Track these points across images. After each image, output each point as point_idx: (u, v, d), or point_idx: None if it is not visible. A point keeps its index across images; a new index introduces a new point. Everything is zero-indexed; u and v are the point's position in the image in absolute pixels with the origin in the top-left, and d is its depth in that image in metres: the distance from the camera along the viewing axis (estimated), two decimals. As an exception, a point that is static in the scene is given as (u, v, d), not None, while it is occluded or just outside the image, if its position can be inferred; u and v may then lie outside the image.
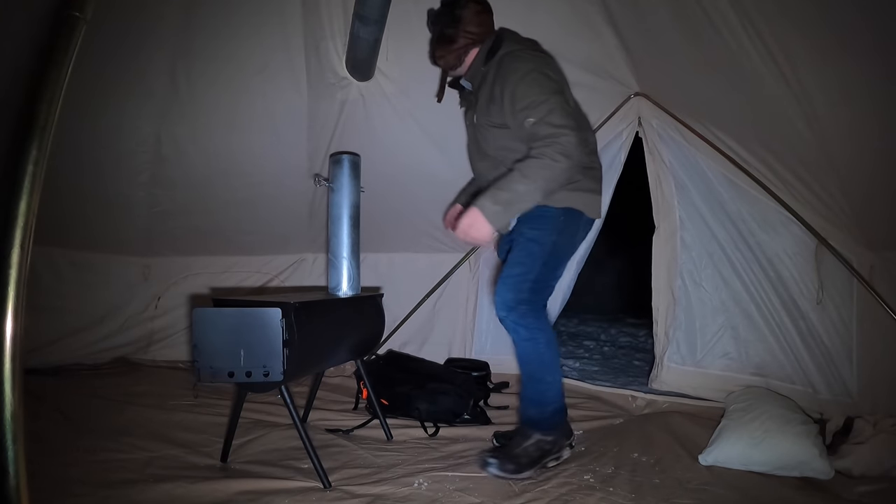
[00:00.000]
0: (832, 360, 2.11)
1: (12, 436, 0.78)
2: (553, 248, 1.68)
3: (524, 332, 1.65)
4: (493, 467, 1.60)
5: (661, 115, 2.43)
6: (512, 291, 1.65)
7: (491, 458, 1.62)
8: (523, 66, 1.61)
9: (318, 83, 2.47)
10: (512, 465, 1.61)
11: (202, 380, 1.51)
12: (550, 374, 1.69)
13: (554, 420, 1.70)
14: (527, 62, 1.62)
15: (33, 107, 0.82)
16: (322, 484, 1.54)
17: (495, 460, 1.61)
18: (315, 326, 1.64)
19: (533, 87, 1.57)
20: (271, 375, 1.48)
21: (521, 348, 1.68)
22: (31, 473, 0.80)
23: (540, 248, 1.66)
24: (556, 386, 1.70)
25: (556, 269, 1.74)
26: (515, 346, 1.69)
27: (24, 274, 0.80)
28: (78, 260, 2.84)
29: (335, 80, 2.42)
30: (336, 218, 1.94)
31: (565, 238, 1.71)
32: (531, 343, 1.66)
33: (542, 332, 1.67)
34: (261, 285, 3.15)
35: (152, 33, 2.23)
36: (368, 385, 2.08)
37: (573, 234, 1.73)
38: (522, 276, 1.65)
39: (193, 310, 1.52)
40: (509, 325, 1.68)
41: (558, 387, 1.71)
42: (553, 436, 1.69)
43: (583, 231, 1.77)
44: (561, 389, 1.72)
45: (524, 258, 1.66)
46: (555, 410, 1.71)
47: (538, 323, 1.66)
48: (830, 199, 2.04)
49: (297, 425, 1.56)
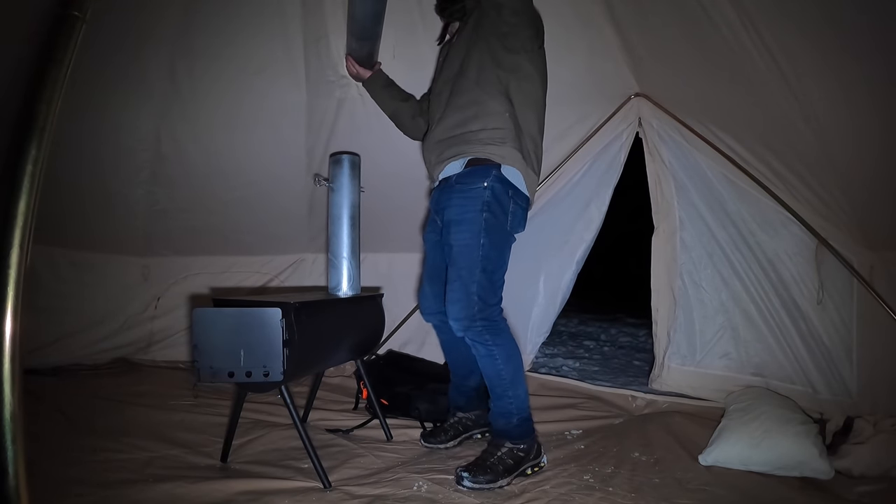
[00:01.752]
0: (832, 360, 2.11)
1: (12, 436, 0.77)
2: (488, 249, 1.60)
3: (482, 349, 1.64)
4: (466, 480, 1.54)
5: (662, 116, 2.42)
6: (463, 312, 1.61)
7: (464, 472, 1.56)
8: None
9: (318, 82, 2.47)
10: (487, 475, 1.56)
11: (202, 380, 1.50)
12: (512, 390, 1.66)
13: (522, 429, 1.68)
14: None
15: (32, 106, 0.82)
16: (322, 484, 1.54)
17: (467, 473, 1.56)
18: (315, 326, 1.64)
19: None
20: (271, 375, 1.48)
21: (481, 363, 1.68)
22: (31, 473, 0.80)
23: (471, 257, 1.60)
24: (519, 399, 1.67)
25: (497, 272, 1.66)
26: (478, 360, 1.69)
27: (24, 274, 0.80)
28: (78, 260, 2.83)
29: (335, 77, 2.43)
30: (336, 218, 1.94)
31: (497, 234, 1.62)
32: (489, 360, 1.65)
33: (498, 347, 1.63)
34: (261, 285, 3.15)
35: (153, 32, 2.23)
36: (368, 385, 2.08)
37: (503, 224, 1.63)
38: (465, 294, 1.60)
39: (193, 310, 1.52)
40: (469, 343, 1.67)
41: (522, 400, 1.68)
42: (525, 443, 1.67)
43: (518, 222, 1.68)
44: (525, 400, 1.70)
45: (461, 273, 1.61)
46: (521, 420, 1.68)
47: (495, 339, 1.63)
48: (831, 199, 2.04)
49: (297, 425, 1.56)
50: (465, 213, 1.60)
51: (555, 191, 2.71)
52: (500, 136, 1.58)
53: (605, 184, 2.60)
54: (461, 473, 1.57)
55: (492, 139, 1.59)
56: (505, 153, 1.58)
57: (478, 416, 1.98)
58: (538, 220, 2.77)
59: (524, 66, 1.64)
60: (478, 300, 1.59)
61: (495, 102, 1.61)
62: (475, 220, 1.58)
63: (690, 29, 1.87)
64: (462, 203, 1.61)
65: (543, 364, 3.20)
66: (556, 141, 2.61)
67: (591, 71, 2.36)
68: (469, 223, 1.59)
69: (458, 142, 1.64)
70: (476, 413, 1.98)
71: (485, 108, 1.62)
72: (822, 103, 1.74)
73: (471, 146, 1.61)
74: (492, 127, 1.59)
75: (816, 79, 1.68)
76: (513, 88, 1.62)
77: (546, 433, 2.07)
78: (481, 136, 1.60)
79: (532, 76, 1.66)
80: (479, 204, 1.58)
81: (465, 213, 1.60)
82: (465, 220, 1.60)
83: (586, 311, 5.36)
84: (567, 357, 3.50)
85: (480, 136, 1.60)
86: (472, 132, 1.61)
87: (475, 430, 1.98)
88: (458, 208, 1.61)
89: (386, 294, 2.18)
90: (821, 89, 1.70)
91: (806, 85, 1.71)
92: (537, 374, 2.81)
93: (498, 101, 1.61)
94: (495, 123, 1.59)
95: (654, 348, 2.59)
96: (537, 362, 3.05)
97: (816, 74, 1.67)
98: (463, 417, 1.98)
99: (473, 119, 1.63)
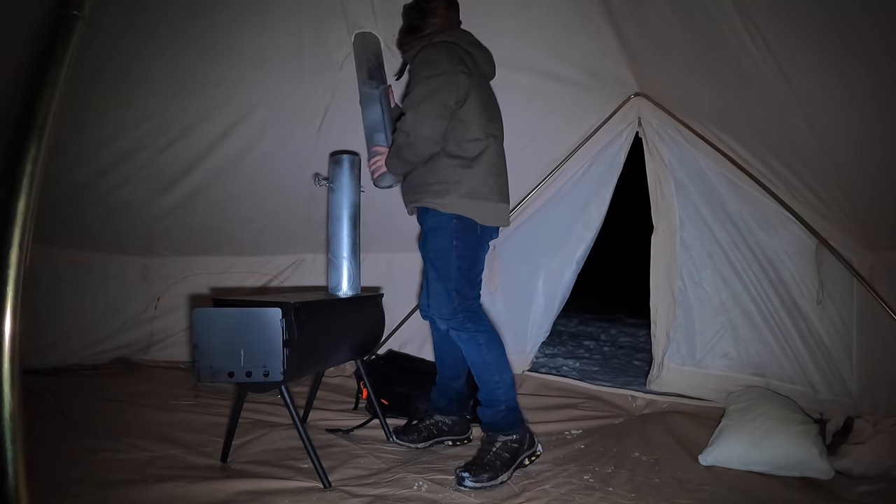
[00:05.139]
0: (832, 360, 2.11)
1: (11, 436, 0.77)
2: (459, 252, 1.75)
3: (465, 336, 1.75)
4: (468, 480, 1.56)
5: (661, 116, 2.42)
6: (445, 306, 1.75)
7: (463, 473, 1.58)
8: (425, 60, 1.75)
9: (318, 81, 2.47)
10: (486, 472, 1.59)
11: (202, 380, 1.50)
12: (498, 374, 1.74)
13: (511, 418, 1.73)
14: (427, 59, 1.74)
15: (32, 106, 0.82)
16: (322, 484, 1.54)
17: (467, 473, 1.58)
18: (315, 327, 1.65)
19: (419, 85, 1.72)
20: (271, 375, 1.48)
21: (465, 352, 1.78)
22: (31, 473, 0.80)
23: (446, 258, 1.75)
24: (505, 385, 1.74)
25: (471, 270, 1.79)
26: (462, 350, 1.80)
27: (23, 274, 0.79)
28: (77, 260, 2.84)
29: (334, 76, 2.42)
30: (336, 218, 1.95)
31: (465, 242, 1.76)
32: (473, 345, 1.75)
33: (481, 333, 1.75)
34: (261, 285, 3.15)
35: (154, 31, 2.23)
36: (368, 385, 2.08)
37: (472, 236, 1.77)
38: (446, 290, 1.75)
39: (193, 310, 1.52)
40: (452, 334, 1.79)
41: (507, 385, 1.74)
42: (517, 433, 1.71)
43: (486, 234, 1.82)
44: (511, 387, 1.76)
45: (439, 272, 1.76)
46: (508, 409, 1.73)
47: (476, 325, 1.75)
48: (831, 200, 2.04)
49: (297, 425, 1.56)
50: (438, 222, 1.76)
51: (555, 191, 2.71)
52: (443, 189, 1.73)
53: (605, 183, 2.60)
54: (461, 474, 1.58)
55: (437, 192, 1.74)
56: (448, 202, 1.73)
57: (454, 422, 1.98)
58: (538, 220, 2.78)
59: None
60: (457, 295, 1.74)
61: (433, 159, 1.75)
62: (447, 227, 1.74)
63: (691, 28, 1.87)
64: (436, 215, 1.77)
65: (543, 364, 3.20)
66: (555, 140, 2.61)
67: (591, 70, 2.36)
68: (442, 229, 1.75)
69: (415, 190, 1.82)
70: (453, 419, 1.98)
71: (424, 164, 1.77)
72: (823, 103, 1.74)
73: (424, 196, 1.78)
74: (434, 181, 1.75)
75: (818, 78, 1.68)
76: (445, 142, 1.73)
77: (546, 433, 2.08)
78: (429, 189, 1.76)
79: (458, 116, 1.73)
80: (447, 218, 1.75)
81: (438, 222, 1.76)
82: (438, 228, 1.76)
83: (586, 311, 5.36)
84: (567, 357, 3.49)
85: (429, 188, 1.76)
86: (423, 185, 1.78)
87: (448, 436, 1.97)
88: (432, 220, 1.78)
89: (386, 294, 2.18)
90: (822, 89, 1.70)
91: (807, 85, 1.71)
92: (537, 374, 2.81)
93: (437, 156, 1.74)
94: (436, 178, 1.75)
95: (652, 349, 2.59)
96: (537, 362, 3.05)
97: (819, 74, 1.67)
98: (439, 420, 1.98)
99: (422, 172, 1.79)
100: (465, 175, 1.73)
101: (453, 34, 1.86)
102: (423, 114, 1.68)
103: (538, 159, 2.65)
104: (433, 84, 1.69)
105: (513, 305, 2.85)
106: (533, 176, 2.69)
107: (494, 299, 2.86)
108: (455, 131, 1.74)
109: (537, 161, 2.65)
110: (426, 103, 1.68)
